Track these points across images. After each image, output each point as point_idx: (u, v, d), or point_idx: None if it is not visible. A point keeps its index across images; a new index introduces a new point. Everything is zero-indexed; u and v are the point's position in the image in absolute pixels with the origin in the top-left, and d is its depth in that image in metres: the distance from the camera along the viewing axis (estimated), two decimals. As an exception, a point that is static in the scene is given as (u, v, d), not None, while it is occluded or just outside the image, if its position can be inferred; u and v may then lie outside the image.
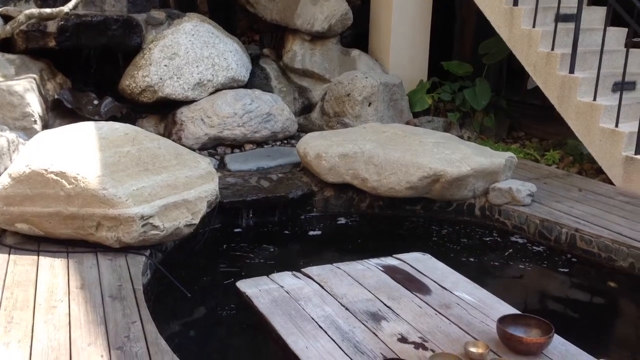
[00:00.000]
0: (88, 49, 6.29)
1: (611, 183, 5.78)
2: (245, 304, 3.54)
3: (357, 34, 7.99)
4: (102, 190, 3.88)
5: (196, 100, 6.30)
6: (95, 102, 6.16)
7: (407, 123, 7.02)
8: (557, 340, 3.04)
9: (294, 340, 3.02)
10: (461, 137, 7.09)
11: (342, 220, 5.38)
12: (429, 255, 4.20)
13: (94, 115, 5.95)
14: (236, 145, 6.30)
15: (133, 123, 5.76)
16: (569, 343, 3.07)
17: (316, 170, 5.38)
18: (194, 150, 5.80)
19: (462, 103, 7.44)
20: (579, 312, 4.29)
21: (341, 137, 5.54)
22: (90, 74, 6.47)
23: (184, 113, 6.24)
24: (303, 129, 6.90)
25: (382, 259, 4.09)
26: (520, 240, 5.03)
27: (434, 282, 3.76)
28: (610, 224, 4.73)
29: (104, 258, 3.93)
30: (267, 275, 3.77)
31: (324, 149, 5.33)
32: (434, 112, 7.60)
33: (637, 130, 5.57)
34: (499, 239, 5.11)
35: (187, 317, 3.80)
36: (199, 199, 4.25)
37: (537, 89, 6.65)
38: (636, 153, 5.57)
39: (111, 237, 3.91)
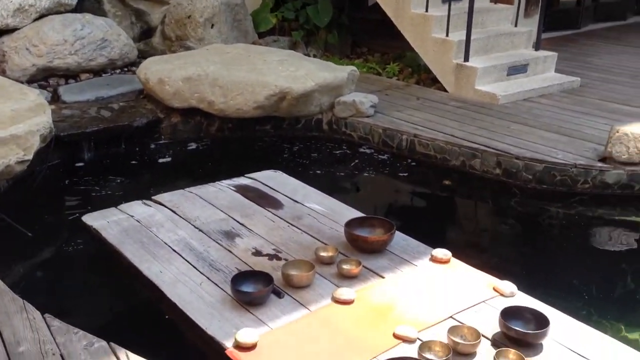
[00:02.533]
0: None
1: (445, 90, 6.17)
2: (95, 238, 3.42)
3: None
4: None
5: (19, 28, 5.72)
6: None
7: (253, 44, 6.92)
8: (399, 236, 3.28)
9: (147, 267, 2.99)
10: (307, 55, 7.13)
11: (192, 146, 5.29)
12: (281, 172, 4.29)
13: None
14: (71, 75, 5.86)
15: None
16: (410, 238, 3.34)
17: (160, 96, 5.19)
18: (21, 83, 5.31)
19: (305, 21, 7.44)
20: (419, 209, 4.64)
21: (183, 60, 5.35)
22: None
23: (5, 43, 5.66)
24: (144, 55, 6.55)
25: (234, 179, 4.11)
26: (367, 151, 5.26)
27: (286, 196, 3.86)
28: (444, 128, 5.08)
29: None
30: (116, 207, 3.66)
31: (166, 74, 5.13)
32: (279, 31, 7.54)
33: (465, 38, 5.93)
34: (347, 151, 5.31)
35: (30, 258, 3.60)
36: (30, 133, 3.94)
37: (377, 4, 6.80)
38: (465, 60, 5.97)
39: None
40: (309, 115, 5.40)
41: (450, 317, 2.61)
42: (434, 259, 3.09)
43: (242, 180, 4.10)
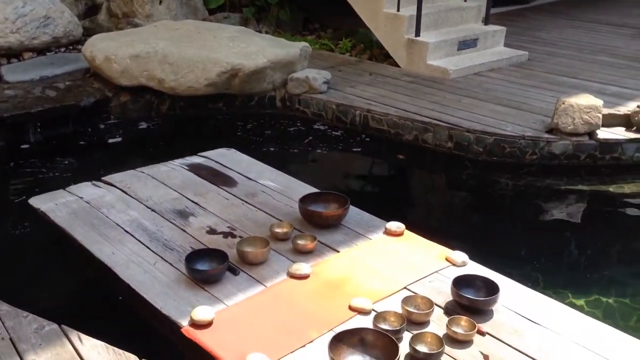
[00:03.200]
0: None
1: (397, 65, 6.20)
2: (43, 221, 3.33)
3: None
4: None
5: (-46, 6, 5.47)
6: None
7: (203, 21, 6.79)
8: (353, 210, 3.30)
9: (98, 249, 2.93)
10: (259, 32, 7.04)
11: (143, 125, 5.18)
12: (234, 150, 4.24)
13: None
14: (13, 54, 5.64)
15: None
16: (364, 212, 3.36)
17: (108, 75, 5.05)
18: (-40, 63, 5.10)
19: (256, -4, 7.35)
20: (373, 184, 4.69)
21: (131, 37, 5.21)
22: None
23: (-59, 21, 5.41)
24: (90, 33, 6.34)
25: (187, 158, 4.05)
26: (321, 127, 5.26)
27: (240, 174, 3.83)
28: (397, 103, 5.11)
29: None
30: (64, 189, 3.56)
31: (113, 51, 4.99)
32: (229, 8, 7.41)
33: (415, 13, 5.95)
34: (301, 128, 5.30)
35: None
36: (-29, 115, 3.80)
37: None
38: (416, 35, 6.00)
39: None
40: (262, 92, 5.35)
41: (405, 287, 2.65)
42: (387, 232, 3.12)
43: (194, 159, 4.05)
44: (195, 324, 2.33)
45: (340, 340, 2.18)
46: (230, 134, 5.12)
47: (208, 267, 2.66)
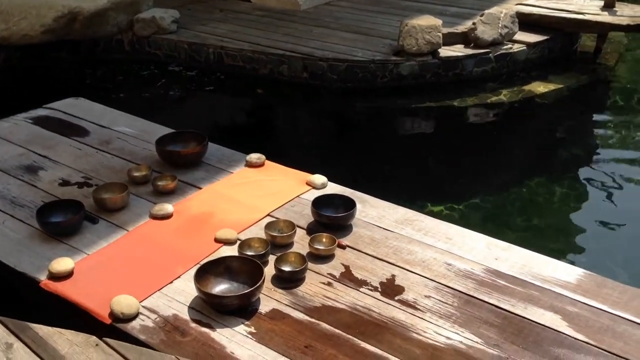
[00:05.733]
0: None
1: (248, 0, 6.10)
2: None
3: None
4: None
5: None
6: None
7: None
8: (213, 147, 3.29)
9: (-62, 215, 2.71)
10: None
11: (-23, 81, 4.76)
12: (83, 99, 4.03)
13: None
14: None
15: None
16: (225, 148, 3.36)
17: None
18: None
19: None
20: (233, 120, 4.67)
21: (-52, -15, 4.70)
22: None
23: None
24: None
25: (31, 111, 3.79)
26: (175, 68, 5.12)
27: (92, 123, 3.66)
28: (250, 37, 5.07)
29: None
30: None
31: None
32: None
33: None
34: (155, 71, 5.13)
35: None
36: None
37: None
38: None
39: None
40: (108, 36, 5.08)
41: (268, 215, 2.72)
42: (248, 164, 3.15)
43: (40, 112, 3.80)
44: (54, 277, 2.25)
45: (206, 271, 2.22)
46: (78, 83, 4.85)
47: (63, 219, 2.56)
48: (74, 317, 2.17)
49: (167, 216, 2.69)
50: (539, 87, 4.81)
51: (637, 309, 2.14)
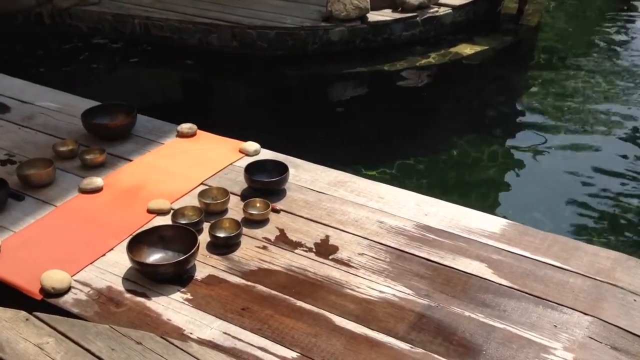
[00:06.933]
0: None
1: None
2: None
3: None
4: None
5: None
6: None
7: None
8: (143, 119, 3.23)
9: None
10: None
11: None
12: (2, 75, 3.87)
13: None
14: None
15: None
16: (155, 119, 3.30)
17: None
18: None
19: None
20: (163, 92, 4.59)
21: None
22: None
23: None
24: None
25: (-55, 90, 3.61)
26: (100, 41, 4.96)
27: (12, 98, 3.53)
28: (176, 7, 4.95)
29: None
30: None
31: None
32: None
33: None
34: (78, 44, 4.96)
35: None
36: None
37: None
38: None
39: None
40: (25, 9, 4.86)
41: (201, 183, 2.70)
42: (180, 135, 3.12)
43: (-46, 90, 3.62)
44: (-21, 256, 2.19)
45: (140, 241, 2.20)
46: (-4, 59, 4.63)
47: (-15, 197, 2.47)
48: (3, 297, 2.12)
49: (97, 190, 2.63)
50: (466, 49, 4.92)
51: (556, 254, 2.27)
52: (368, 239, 2.35)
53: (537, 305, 2.03)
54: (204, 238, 2.31)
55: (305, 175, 2.77)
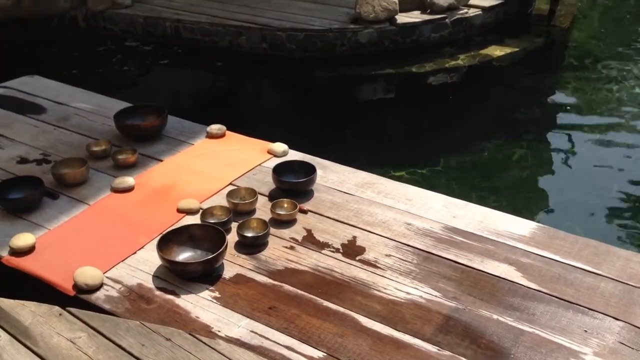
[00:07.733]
0: None
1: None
2: None
3: None
4: None
5: None
6: None
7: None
8: (174, 120, 3.28)
9: None
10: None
11: None
12: (38, 77, 3.96)
13: None
14: None
15: None
16: (186, 120, 3.35)
17: None
18: None
19: None
20: (193, 94, 4.65)
21: None
22: None
23: None
24: None
25: (-17, 91, 3.72)
26: (132, 44, 5.05)
27: (48, 100, 3.61)
28: (207, 10, 5.02)
29: None
30: None
31: None
32: None
33: None
34: (112, 47, 5.05)
35: None
36: None
37: None
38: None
39: None
40: (61, 13, 4.97)
41: (230, 184, 2.73)
42: (209, 136, 3.15)
43: (-7, 91, 3.73)
44: (15, 252, 2.25)
45: (170, 240, 2.24)
46: (33, 61, 4.75)
47: (22, 195, 2.53)
48: (38, 293, 2.17)
49: (128, 189, 2.68)
50: (496, 51, 4.88)
51: (587, 258, 2.23)
52: (395, 241, 2.35)
53: (567, 309, 2.00)
54: (232, 237, 2.34)
55: (332, 177, 2.78)
